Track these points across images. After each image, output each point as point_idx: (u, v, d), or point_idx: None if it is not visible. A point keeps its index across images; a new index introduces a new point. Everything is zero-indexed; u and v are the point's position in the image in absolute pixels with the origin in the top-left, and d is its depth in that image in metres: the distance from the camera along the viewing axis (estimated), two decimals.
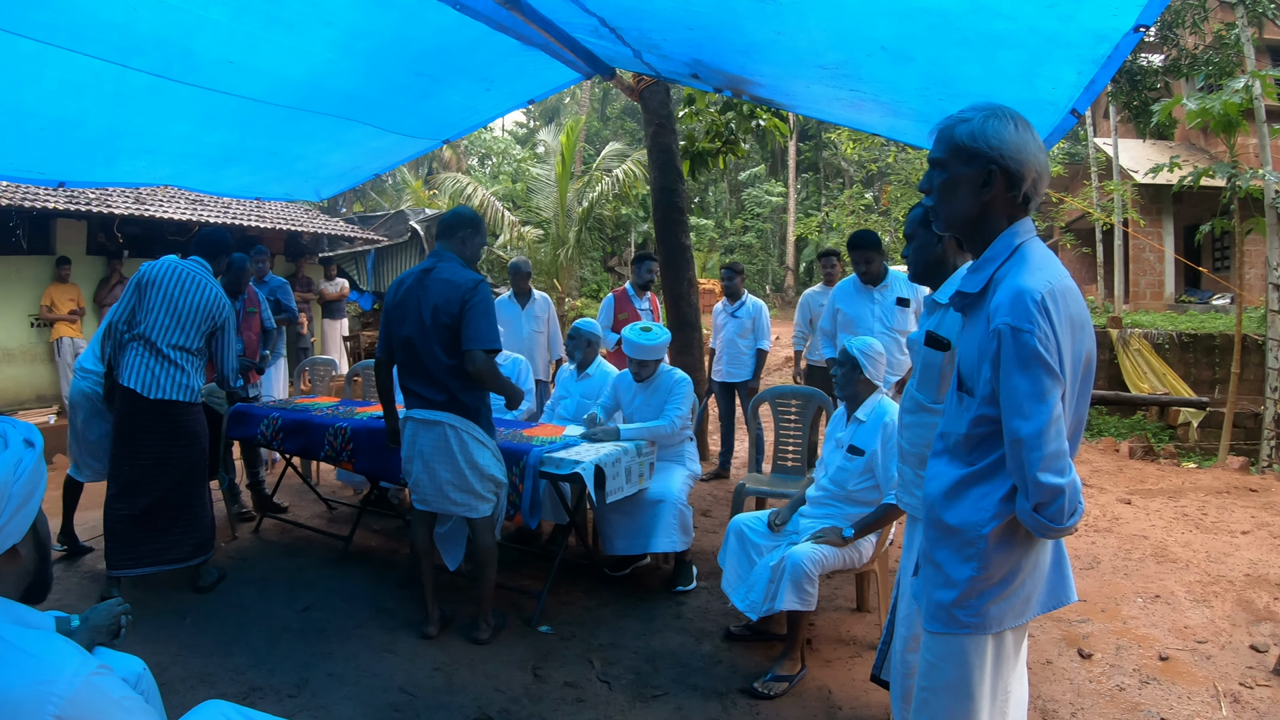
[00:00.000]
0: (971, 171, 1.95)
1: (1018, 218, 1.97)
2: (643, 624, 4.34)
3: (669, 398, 4.90)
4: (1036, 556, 2.00)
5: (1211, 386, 12.92)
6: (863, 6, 3.24)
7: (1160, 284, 19.30)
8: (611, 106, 36.92)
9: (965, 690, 2.00)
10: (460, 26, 4.09)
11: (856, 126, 5.85)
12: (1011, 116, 1.93)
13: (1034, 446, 1.78)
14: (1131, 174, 17.51)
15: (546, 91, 5.68)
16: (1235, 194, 9.63)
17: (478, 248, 4.10)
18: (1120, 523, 6.32)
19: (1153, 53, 15.63)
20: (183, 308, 4.45)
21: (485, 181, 27.84)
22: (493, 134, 35.15)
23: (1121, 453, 9.44)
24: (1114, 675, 3.85)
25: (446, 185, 22.00)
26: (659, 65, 5.21)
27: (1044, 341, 1.77)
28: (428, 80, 4.91)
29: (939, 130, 2.01)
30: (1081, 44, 2.93)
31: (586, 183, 22.46)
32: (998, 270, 1.94)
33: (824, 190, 33.59)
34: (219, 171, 6.00)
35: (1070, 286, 1.88)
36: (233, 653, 3.91)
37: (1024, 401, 1.79)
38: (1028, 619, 2.04)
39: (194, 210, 12.28)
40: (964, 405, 1.99)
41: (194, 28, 3.79)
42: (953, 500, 1.99)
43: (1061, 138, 3.88)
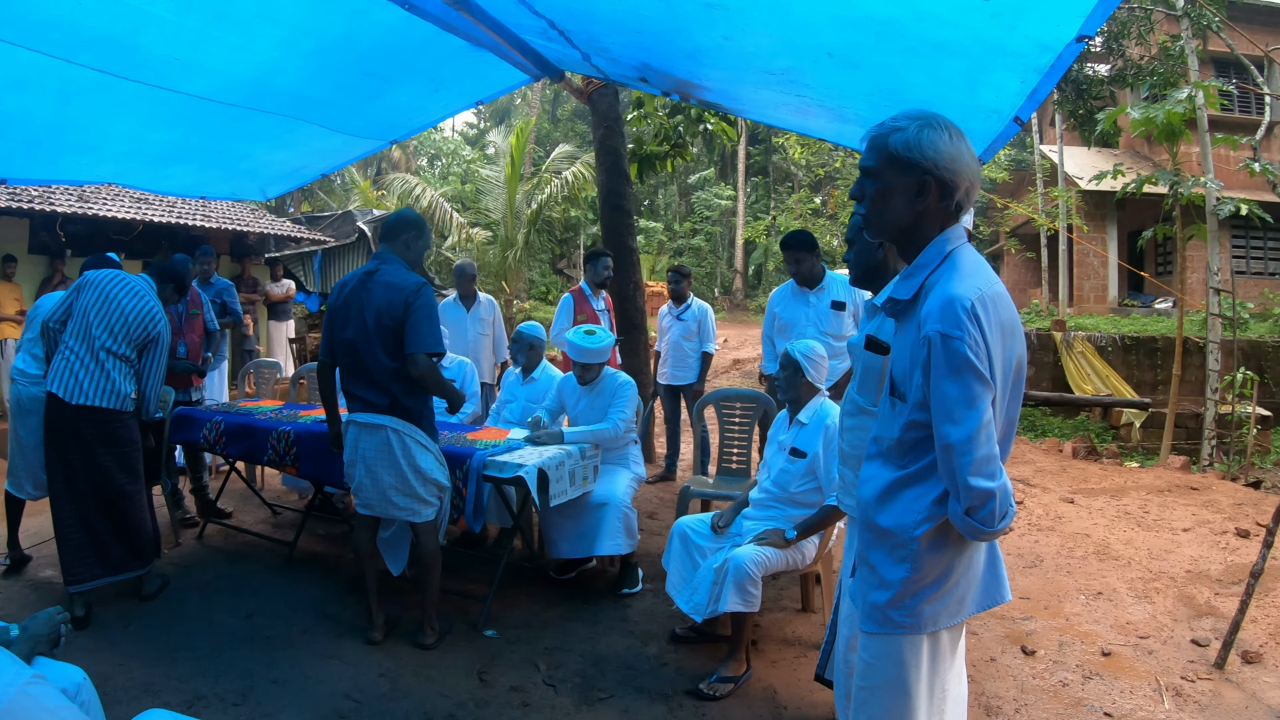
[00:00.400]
0: (905, 181, 1.94)
1: (949, 225, 1.98)
2: (588, 627, 4.33)
3: (613, 401, 4.89)
4: (970, 557, 2.02)
5: (1153, 388, 13.19)
6: (809, 13, 3.26)
7: (1104, 288, 19.65)
8: (562, 109, 36.84)
9: (902, 689, 2.02)
10: (408, 26, 4.05)
11: (804, 131, 5.88)
12: (945, 126, 1.93)
13: (964, 451, 1.79)
14: (1076, 181, 17.83)
15: (495, 93, 5.65)
16: (1177, 201, 9.84)
17: (421, 251, 4.07)
18: (1063, 521, 6.43)
19: (1099, 63, 15.95)
20: (116, 311, 4.34)
21: (434, 182, 27.67)
22: (442, 134, 34.95)
23: (1065, 453, 9.60)
24: (1057, 671, 3.92)
25: (395, 186, 21.85)
26: (608, 68, 5.21)
27: (974, 348, 1.79)
28: (375, 80, 4.86)
29: (872, 138, 2.00)
30: (1025, 53, 2.97)
31: (536, 184, 22.42)
32: (929, 277, 1.95)
33: (773, 194, 33.80)
34: (164, 170, 5.90)
35: (1000, 293, 1.90)
36: (176, 661, 3.85)
37: (954, 407, 1.80)
38: (962, 618, 2.06)
39: (138, 209, 12.04)
40: (896, 410, 2.01)
41: (140, 23, 3.72)
42: (886, 503, 2.00)
43: (1005, 145, 3.94)
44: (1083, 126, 14.98)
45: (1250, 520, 6.33)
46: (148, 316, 4.42)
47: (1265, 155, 13.90)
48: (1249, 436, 9.43)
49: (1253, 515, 6.49)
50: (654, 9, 3.62)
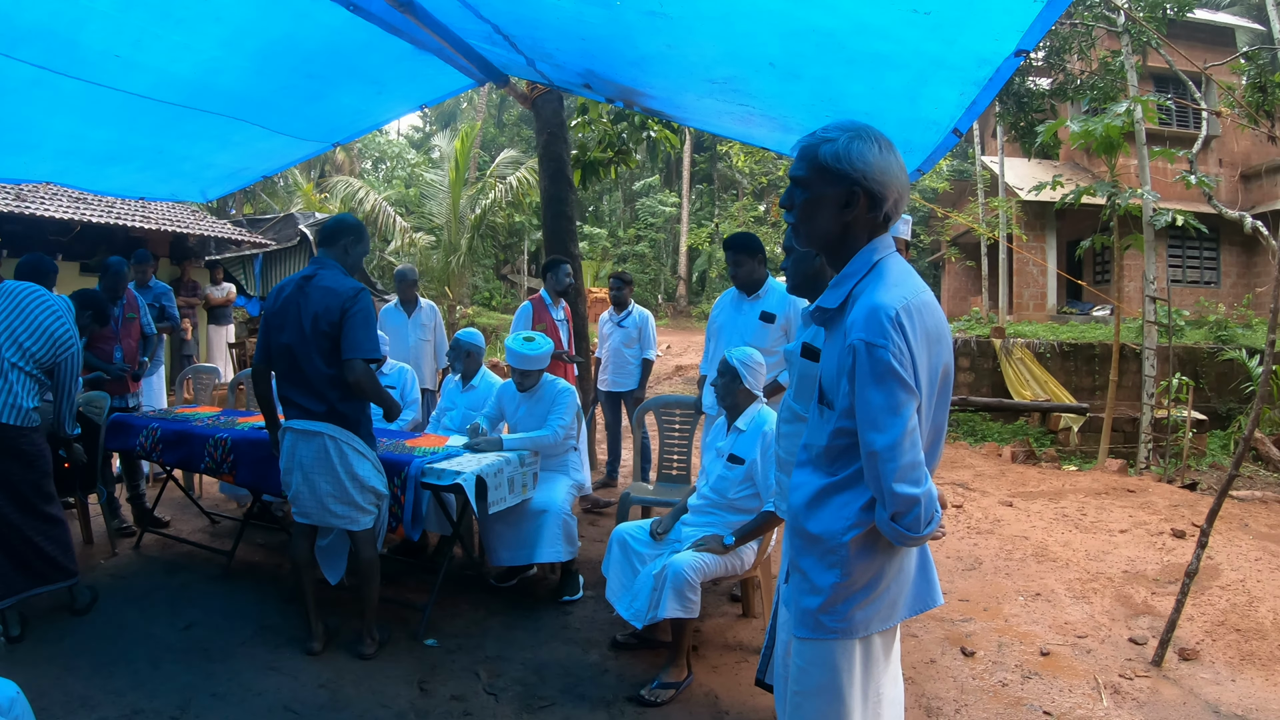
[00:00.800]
0: (835, 192, 1.96)
1: (877, 235, 2.00)
2: (529, 635, 4.32)
3: (552, 408, 4.88)
4: (900, 562, 2.04)
5: (1091, 393, 13.44)
6: (752, 23, 3.28)
7: (1043, 296, 20.01)
8: (509, 114, 36.70)
9: (836, 694, 2.04)
10: (352, 28, 4.01)
11: (747, 140, 5.91)
12: (875, 138, 1.95)
13: (889, 458, 1.81)
14: (1016, 191, 18.15)
15: (439, 97, 5.62)
16: (1115, 211, 10.03)
17: (360, 256, 4.03)
18: (1002, 524, 6.52)
19: (1041, 76, 16.24)
20: (26, 328, 4.13)
21: (378, 186, 27.43)
22: (387, 138, 34.64)
23: (1004, 457, 9.75)
24: (997, 671, 3.98)
25: (338, 189, 21.63)
26: (552, 74, 5.20)
27: (898, 356, 1.81)
28: (319, 82, 4.81)
29: (802, 148, 2.01)
30: (964, 66, 3.01)
31: (480, 189, 22.30)
32: (855, 286, 1.96)
33: (718, 201, 34.01)
34: (103, 169, 5.79)
35: (927, 301, 1.92)
36: (113, 674, 3.77)
37: (879, 415, 1.82)
38: (894, 623, 2.09)
39: (77, 209, 11.77)
40: (825, 418, 2.02)
41: (81, 19, 3.66)
42: (815, 509, 2.02)
43: (944, 155, 4.00)
44: (1023, 138, 15.26)
45: (1186, 521, 6.46)
46: (60, 340, 4.22)
47: (1201, 168, 14.34)
48: (1185, 440, 9.64)
49: (1188, 516, 6.62)
50: (599, 16, 3.62)
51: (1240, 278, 19.69)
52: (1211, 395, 13.36)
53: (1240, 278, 19.69)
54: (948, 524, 6.38)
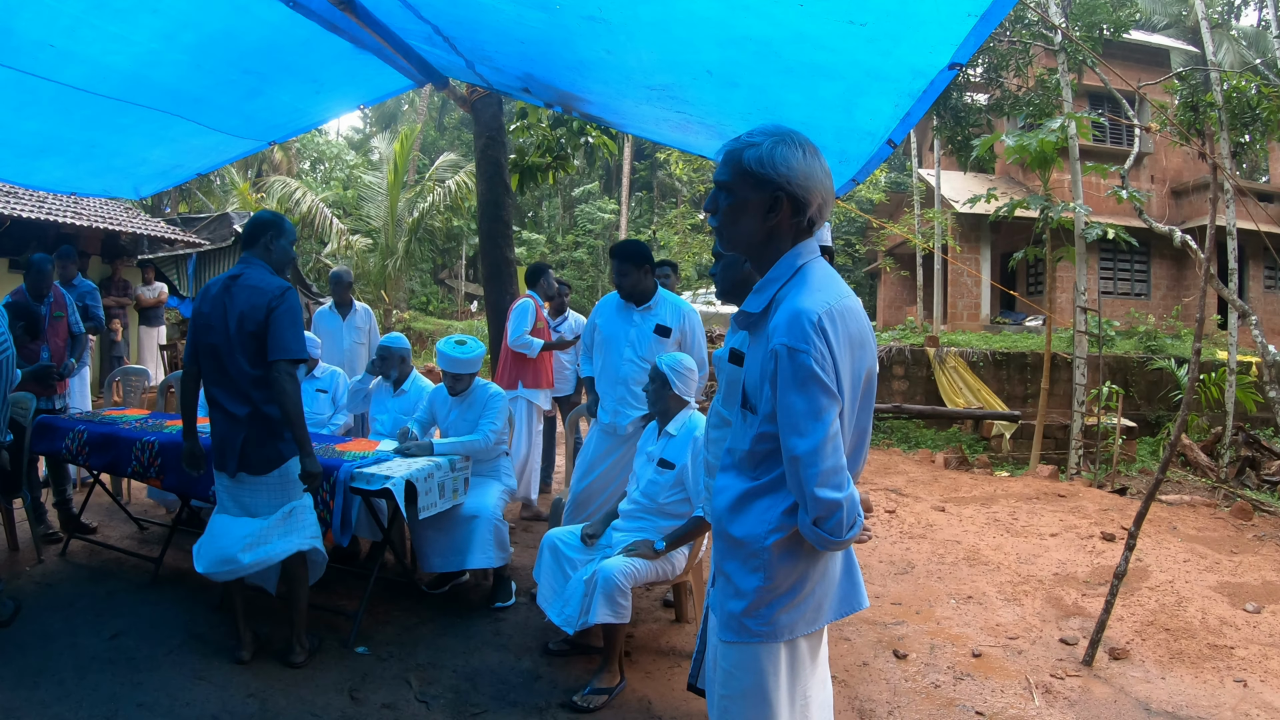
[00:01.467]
0: (758, 197, 1.97)
1: (801, 240, 2.01)
2: (461, 641, 4.28)
3: (484, 412, 4.85)
4: (825, 566, 2.06)
5: (1023, 401, 13.73)
6: (690, 32, 3.29)
7: (977, 306, 20.41)
8: (449, 116, 36.44)
9: (762, 697, 2.05)
10: (292, 25, 3.95)
11: (684, 148, 5.93)
12: (800, 143, 1.96)
13: (811, 463, 1.82)
14: (952, 203, 18.53)
15: (378, 97, 5.56)
16: (1048, 224, 10.25)
17: (285, 250, 3.94)
18: (935, 529, 6.60)
19: (978, 92, 16.57)
20: None
21: (315, 187, 26.98)
22: (326, 138, 34.14)
23: (937, 463, 9.88)
24: (929, 673, 4.03)
25: (275, 189, 21.28)
26: (491, 77, 5.18)
27: (820, 361, 1.82)
28: (256, 78, 4.73)
29: (726, 152, 2.02)
30: (899, 78, 3.05)
31: (419, 192, 22.19)
32: (779, 291, 1.98)
33: (656, 209, 34.08)
34: (33, 162, 5.63)
35: (850, 307, 1.94)
36: (38, 685, 3.67)
37: (800, 420, 1.83)
38: (820, 626, 2.10)
39: (6, 204, 11.45)
40: (748, 422, 2.03)
41: (14, 6, 3.57)
42: (738, 513, 2.03)
43: (879, 166, 4.05)
44: (960, 152, 15.54)
45: (1115, 525, 6.62)
46: None
47: (1133, 184, 14.72)
48: (1114, 446, 9.86)
49: (1117, 520, 6.79)
50: (538, 20, 3.62)
51: (1170, 290, 20.28)
52: (1141, 403, 13.73)
53: (1170, 290, 20.28)
54: (880, 529, 6.47)
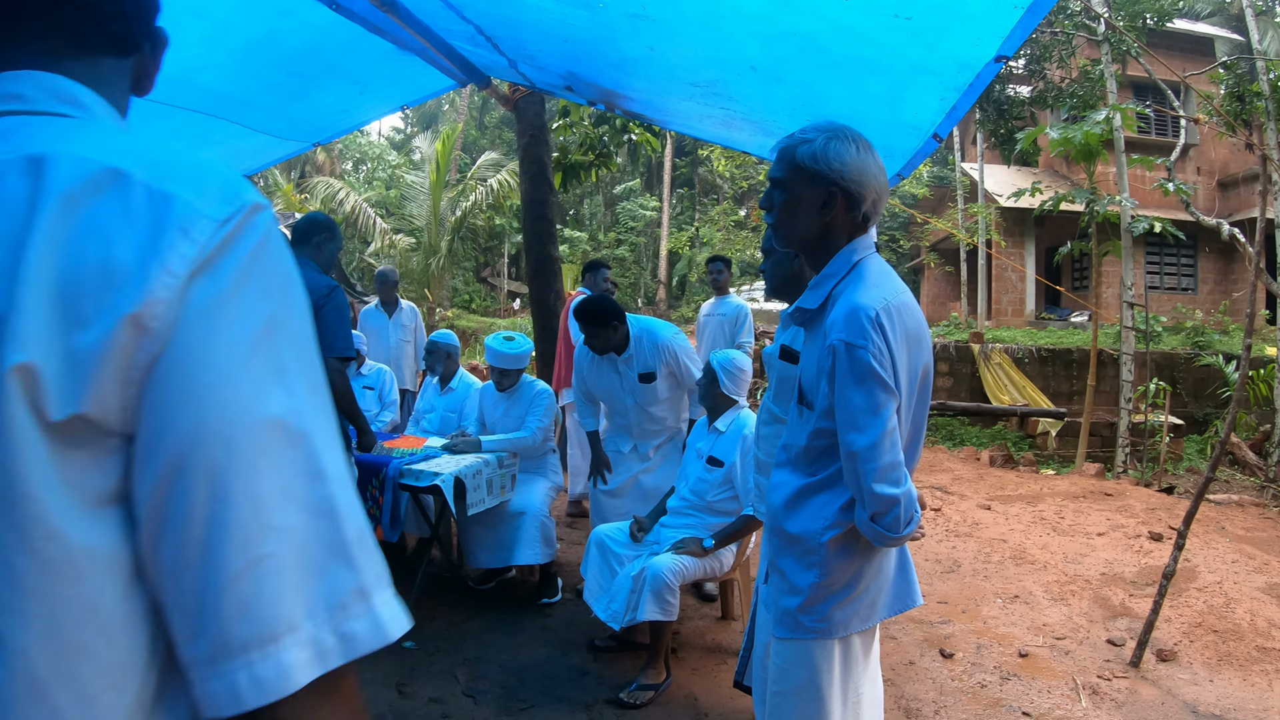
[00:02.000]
0: (813, 193, 1.97)
1: (857, 235, 2.01)
2: (508, 637, 4.30)
3: (530, 409, 4.87)
4: (879, 563, 2.05)
5: (1069, 398, 13.51)
6: (734, 27, 3.28)
7: (1021, 302, 20.12)
8: (490, 115, 36.50)
9: (815, 694, 2.04)
10: (335, 27, 3.98)
11: (728, 144, 5.90)
12: (853, 138, 1.96)
13: (869, 459, 1.82)
14: (996, 198, 18.27)
15: (421, 97, 5.58)
16: (1093, 218, 10.07)
17: (333, 253, 4.01)
18: (981, 527, 6.52)
19: (1021, 84, 16.35)
20: None
21: (358, 187, 27.15)
22: (368, 139, 34.33)
23: (982, 461, 9.78)
24: (975, 673, 3.98)
25: (319, 189, 21.44)
26: (534, 76, 5.19)
27: (878, 357, 1.82)
28: (300, 80, 4.77)
29: (780, 149, 2.02)
30: (944, 71, 3.01)
31: (461, 191, 22.20)
32: (835, 287, 1.98)
33: (698, 205, 33.94)
34: None
35: (907, 302, 1.94)
36: None
37: (859, 415, 1.83)
38: (874, 623, 2.10)
39: None
40: (804, 418, 2.03)
41: None
42: (794, 509, 2.03)
43: (924, 160, 4.01)
44: (1003, 145, 15.35)
45: (1163, 524, 6.49)
46: None
47: (1179, 175, 14.43)
48: (1162, 444, 9.69)
49: (1165, 519, 6.65)
50: (581, 18, 3.61)
51: (1217, 284, 19.86)
52: (1188, 400, 13.45)
53: (1217, 284, 19.86)
54: (926, 526, 6.40)
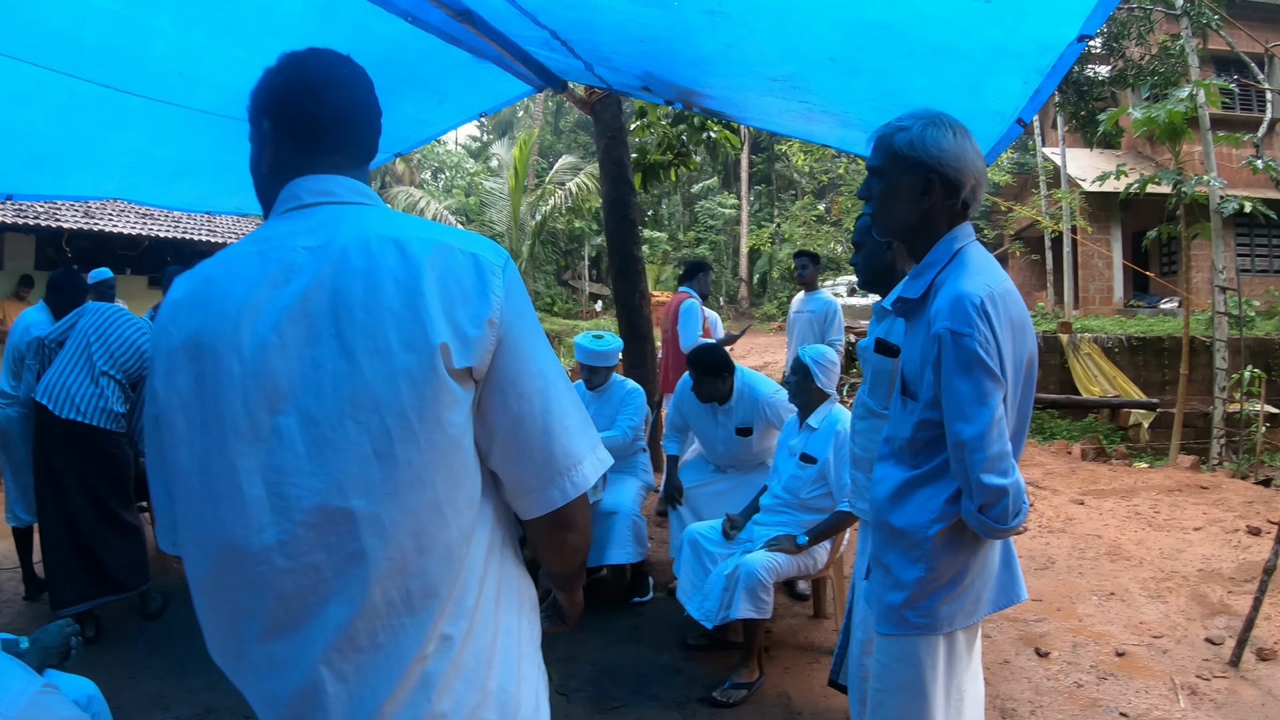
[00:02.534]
0: (911, 180, 1.96)
1: (957, 223, 2.00)
2: (600, 636, 4.32)
3: (621, 408, 4.90)
4: (985, 556, 2.02)
5: (1161, 388, 13.15)
6: (811, 19, 3.25)
7: (1109, 289, 19.64)
8: (565, 120, 36.94)
9: (919, 690, 2.02)
10: (411, 38, 4.05)
11: (807, 138, 5.86)
12: (950, 124, 1.95)
13: (976, 449, 1.80)
14: (1079, 182, 17.83)
15: (499, 104, 5.65)
16: (1181, 200, 9.83)
17: None
18: (1074, 523, 6.41)
19: (1100, 64, 15.96)
20: (116, 339, 4.34)
21: (438, 195, 27.72)
22: (445, 148, 34.96)
23: (1074, 455, 9.58)
24: (1072, 672, 3.91)
25: (399, 199, 21.92)
26: (610, 78, 5.21)
27: (984, 345, 1.80)
28: (379, 93, 4.86)
29: (877, 138, 2.02)
30: (1026, 54, 2.96)
31: (540, 196, 22.50)
32: (938, 275, 1.96)
33: (776, 202, 33.84)
34: (169, 184, 5.88)
35: (1010, 290, 1.91)
36: (186, 674, 3.85)
37: (966, 405, 1.81)
38: (978, 618, 2.06)
39: (144, 224, 12.13)
40: (908, 410, 2.02)
41: (144, 38, 3.71)
42: (899, 503, 2.01)
43: (1008, 147, 3.93)
44: (1085, 128, 15.01)
45: (1261, 518, 6.32)
46: (146, 353, 4.40)
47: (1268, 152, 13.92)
48: (1258, 434, 9.39)
49: (1264, 513, 6.48)
50: (656, 17, 3.62)
51: None
52: None
53: None
54: None
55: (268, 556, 1.20)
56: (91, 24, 3.53)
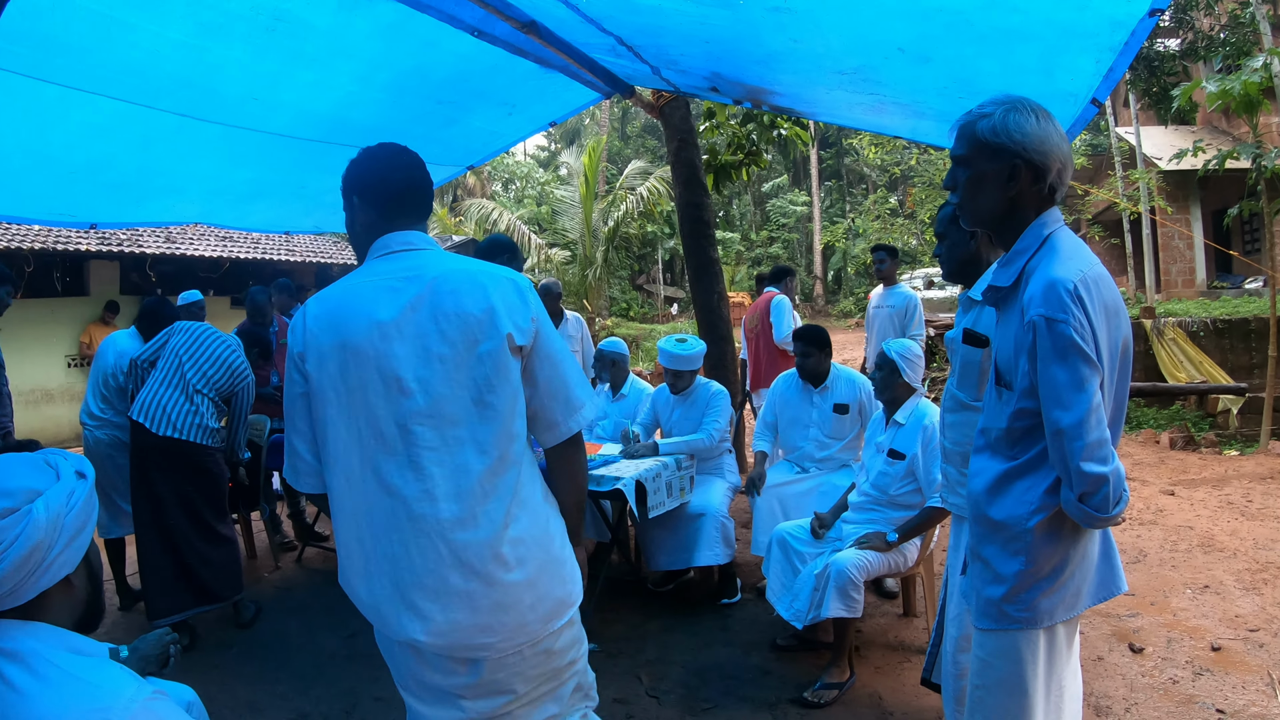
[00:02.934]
0: (996, 167, 1.95)
1: (1045, 208, 1.97)
2: (690, 638, 4.33)
3: (707, 410, 4.90)
4: (1084, 548, 1.98)
5: (1249, 371, 12.68)
6: (877, 9, 3.25)
7: (1191, 271, 19.05)
8: (631, 125, 37.12)
9: (1019, 686, 1.99)
10: (479, 53, 4.12)
11: (878, 130, 5.81)
12: (1032, 108, 1.93)
13: (1075, 436, 1.77)
14: (1155, 161, 17.29)
15: (568, 113, 5.70)
16: (1261, 175, 9.51)
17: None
18: (1165, 514, 6.28)
19: (1169, 37, 15.48)
20: (208, 358, 4.47)
21: (510, 206, 28.00)
22: (515, 158, 35.33)
23: (1162, 444, 9.36)
24: (1167, 668, 3.82)
25: (472, 211, 22.19)
26: (678, 80, 5.23)
27: (1079, 330, 1.77)
28: (450, 108, 4.95)
29: (960, 126, 2.01)
30: (1098, 32, 2.92)
31: (611, 202, 22.57)
32: (1029, 262, 1.94)
33: (848, 197, 33.56)
34: (247, 207, 6.06)
35: (1102, 274, 1.88)
36: (279, 680, 3.96)
37: (1063, 392, 1.78)
38: (1078, 611, 2.02)
39: (224, 247, 12.48)
40: (1003, 400, 1.99)
41: (217, 66, 3.85)
42: (997, 495, 1.98)
43: (1084, 128, 3.87)
44: (1158, 105, 14.57)
45: None
46: (238, 371, 4.57)
47: None
48: None
49: None
50: (722, 18, 3.63)
51: None
52: None
53: None
54: None
55: (401, 473, 1.92)
56: (165, 57, 3.66)
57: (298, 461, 2.09)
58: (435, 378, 1.91)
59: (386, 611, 2.03)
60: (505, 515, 1.94)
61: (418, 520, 1.90)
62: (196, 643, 4.40)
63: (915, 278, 21.92)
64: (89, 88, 3.75)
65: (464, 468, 1.92)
